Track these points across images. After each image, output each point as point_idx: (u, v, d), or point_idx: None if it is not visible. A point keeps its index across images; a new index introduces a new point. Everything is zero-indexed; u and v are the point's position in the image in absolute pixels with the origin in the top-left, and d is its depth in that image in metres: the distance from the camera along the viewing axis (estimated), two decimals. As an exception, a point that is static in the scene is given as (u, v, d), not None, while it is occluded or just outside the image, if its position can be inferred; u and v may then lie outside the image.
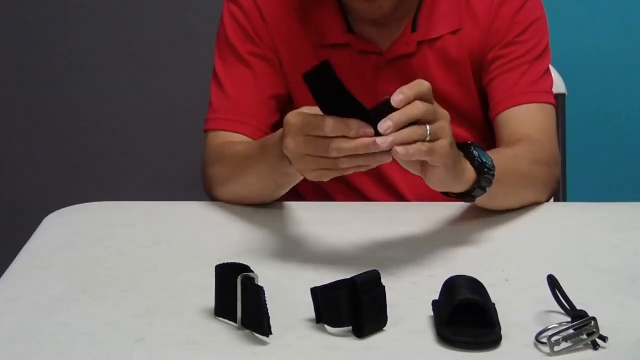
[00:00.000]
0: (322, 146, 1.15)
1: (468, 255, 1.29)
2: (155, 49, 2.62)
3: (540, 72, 1.53)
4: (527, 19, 1.53)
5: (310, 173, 1.19)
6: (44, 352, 1.05)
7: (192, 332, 1.08)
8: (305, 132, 1.16)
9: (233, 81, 1.53)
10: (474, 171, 1.26)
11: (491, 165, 1.27)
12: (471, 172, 1.26)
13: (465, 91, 1.55)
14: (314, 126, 1.15)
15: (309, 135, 1.15)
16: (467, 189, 1.26)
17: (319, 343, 1.05)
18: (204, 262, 1.20)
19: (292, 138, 1.17)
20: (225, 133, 1.51)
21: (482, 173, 1.26)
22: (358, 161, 1.16)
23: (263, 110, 1.53)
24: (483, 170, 1.26)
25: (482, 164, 1.26)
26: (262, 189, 1.40)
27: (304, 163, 1.18)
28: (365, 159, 1.15)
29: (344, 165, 1.16)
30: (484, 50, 1.53)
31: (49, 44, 2.63)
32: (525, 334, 1.05)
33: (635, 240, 1.34)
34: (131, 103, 2.66)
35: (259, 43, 1.53)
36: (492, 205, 1.40)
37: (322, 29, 1.52)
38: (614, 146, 2.55)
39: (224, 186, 1.46)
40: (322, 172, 1.18)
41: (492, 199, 1.35)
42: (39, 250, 1.34)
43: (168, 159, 2.68)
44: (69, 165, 2.70)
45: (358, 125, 1.13)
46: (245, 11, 1.54)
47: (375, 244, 1.32)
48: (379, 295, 1.06)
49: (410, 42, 1.51)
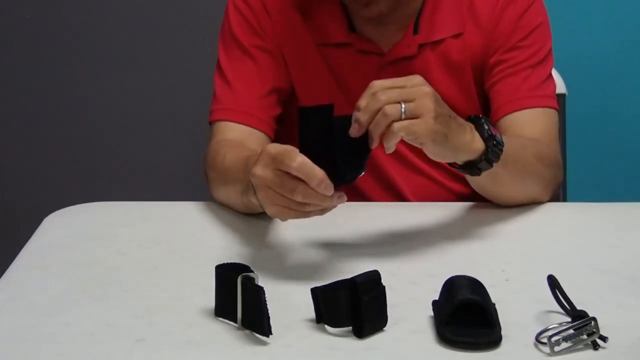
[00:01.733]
0: (288, 185, 1.14)
1: (468, 255, 1.29)
2: (156, 48, 2.62)
3: (543, 77, 1.53)
4: (530, 23, 1.53)
5: (270, 207, 1.17)
6: (44, 352, 1.05)
7: (192, 332, 1.08)
8: (276, 165, 1.14)
9: (236, 73, 1.54)
10: (482, 142, 1.26)
11: (500, 140, 1.28)
12: (480, 143, 1.26)
13: (466, 95, 1.55)
14: (284, 157, 1.13)
15: (278, 169, 1.14)
16: (474, 159, 1.27)
17: (319, 343, 1.05)
18: (204, 262, 1.20)
19: (262, 167, 1.16)
20: (229, 124, 1.51)
21: (491, 145, 1.27)
22: (325, 202, 1.15)
23: (266, 102, 1.53)
24: (492, 142, 1.27)
25: (492, 136, 1.27)
26: (239, 206, 1.41)
27: (266, 195, 1.16)
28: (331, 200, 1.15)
29: (308, 209, 1.16)
30: (486, 54, 1.53)
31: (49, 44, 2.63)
32: (525, 334, 1.05)
33: (635, 240, 1.34)
34: (131, 103, 2.66)
35: (263, 36, 1.54)
36: (495, 191, 1.40)
37: (324, 27, 1.53)
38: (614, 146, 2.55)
39: (214, 190, 1.47)
40: (281, 209, 1.17)
41: (496, 183, 1.35)
42: (39, 250, 1.34)
43: (168, 159, 2.68)
44: (69, 165, 2.70)
45: (322, 178, 1.12)
46: (249, 4, 1.54)
47: (375, 244, 1.32)
48: (379, 295, 1.06)
49: (411, 44, 1.51)
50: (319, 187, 1.12)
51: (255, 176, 1.17)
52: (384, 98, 1.16)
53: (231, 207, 1.44)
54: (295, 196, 1.14)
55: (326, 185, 1.13)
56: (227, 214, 1.43)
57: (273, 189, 1.15)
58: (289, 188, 1.14)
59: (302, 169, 1.12)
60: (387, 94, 1.17)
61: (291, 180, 1.13)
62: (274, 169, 1.15)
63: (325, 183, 1.13)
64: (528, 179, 1.41)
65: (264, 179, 1.16)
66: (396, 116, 1.16)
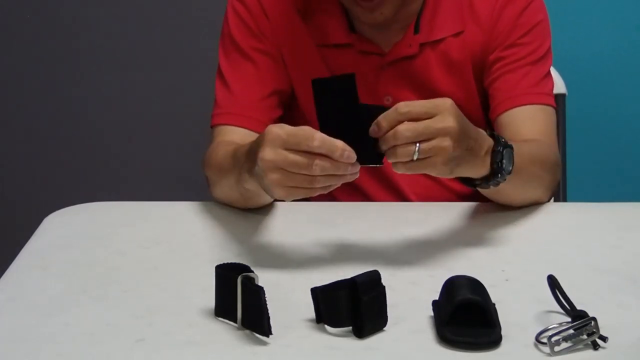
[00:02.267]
0: (302, 162, 1.13)
1: (468, 255, 1.29)
2: (157, 48, 2.62)
3: (542, 74, 1.53)
4: (529, 21, 1.53)
5: (278, 189, 1.16)
6: (44, 352, 1.05)
7: (192, 332, 1.08)
8: (289, 145, 1.14)
9: (236, 76, 1.54)
10: (489, 169, 1.26)
11: (508, 172, 1.27)
12: (485, 170, 1.26)
13: (467, 93, 1.55)
14: (300, 139, 1.13)
15: (290, 149, 1.14)
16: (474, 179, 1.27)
17: (319, 343, 1.05)
18: (204, 262, 1.20)
19: (271, 149, 1.15)
20: (229, 128, 1.51)
21: (495, 177, 1.27)
22: (331, 180, 1.15)
23: (266, 104, 1.53)
24: (498, 175, 1.26)
25: (501, 168, 1.26)
26: (236, 199, 1.41)
27: (276, 176, 1.15)
28: (338, 178, 1.15)
29: (319, 185, 1.15)
30: (486, 51, 1.53)
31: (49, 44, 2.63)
32: (525, 334, 1.05)
33: (635, 241, 1.34)
34: (132, 103, 2.66)
35: (262, 39, 1.54)
36: (495, 198, 1.41)
37: (324, 28, 1.53)
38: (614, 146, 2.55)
39: (212, 189, 1.47)
40: (291, 190, 1.16)
41: (497, 193, 1.35)
42: (39, 250, 1.34)
43: (168, 159, 2.68)
44: (69, 165, 2.70)
45: (344, 147, 1.13)
46: (248, 8, 1.54)
47: (375, 244, 1.32)
48: (379, 295, 1.06)
49: (412, 44, 1.51)
50: (343, 157, 1.13)
51: (264, 160, 1.15)
52: (402, 137, 1.14)
53: (230, 203, 1.44)
54: (314, 171, 1.13)
55: (349, 154, 1.13)
56: (227, 214, 1.43)
57: (286, 169, 1.14)
58: (306, 164, 1.13)
59: (324, 145, 1.13)
60: (408, 131, 1.14)
61: (306, 157, 1.13)
62: (284, 150, 1.14)
63: (347, 151, 1.13)
64: (530, 186, 1.42)
65: (274, 161, 1.14)
66: (407, 159, 1.15)
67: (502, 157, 1.26)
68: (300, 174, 1.14)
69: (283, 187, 1.16)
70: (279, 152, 1.14)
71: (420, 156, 1.15)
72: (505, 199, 1.42)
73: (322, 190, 1.17)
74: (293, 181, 1.15)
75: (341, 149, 1.13)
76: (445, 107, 1.16)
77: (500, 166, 1.26)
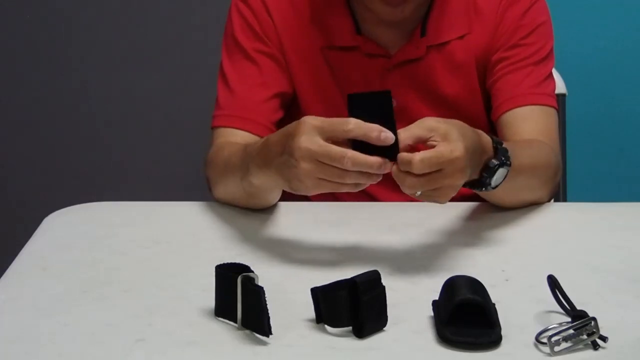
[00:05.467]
0: (337, 154, 1.13)
1: (468, 255, 1.28)
2: (158, 48, 2.62)
3: (544, 75, 1.53)
4: (532, 22, 1.53)
5: (308, 179, 1.16)
6: (44, 352, 1.05)
7: (192, 332, 1.08)
8: (325, 132, 1.14)
9: (239, 78, 1.54)
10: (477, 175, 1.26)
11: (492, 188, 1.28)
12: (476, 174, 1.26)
13: (471, 94, 1.55)
14: (335, 124, 1.14)
15: (327, 137, 1.14)
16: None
17: (319, 343, 1.05)
18: (204, 262, 1.20)
19: (308, 136, 1.14)
20: (230, 130, 1.51)
21: (476, 186, 1.28)
22: (361, 179, 1.15)
23: (268, 106, 1.53)
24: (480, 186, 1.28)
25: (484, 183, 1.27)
26: (240, 196, 1.40)
27: (309, 166, 1.15)
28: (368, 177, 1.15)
29: (349, 180, 1.15)
30: (489, 51, 1.53)
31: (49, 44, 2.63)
32: (525, 334, 1.05)
33: (635, 240, 1.34)
34: (132, 103, 2.67)
35: (265, 41, 1.54)
36: (494, 201, 1.42)
37: (330, 30, 1.53)
38: (614, 146, 2.55)
39: (214, 189, 1.47)
40: (320, 182, 1.16)
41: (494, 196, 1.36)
42: (39, 250, 1.34)
43: (168, 159, 2.68)
44: (69, 165, 2.70)
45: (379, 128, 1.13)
46: (253, 9, 1.54)
47: (375, 244, 1.32)
48: (379, 295, 1.06)
49: (419, 47, 1.51)
50: (380, 137, 1.12)
51: (301, 148, 1.14)
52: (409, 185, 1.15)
53: (232, 201, 1.44)
54: (345, 163, 1.13)
55: (386, 135, 1.13)
56: (227, 214, 1.43)
57: (319, 160, 1.14)
58: (339, 156, 1.13)
59: (359, 128, 1.13)
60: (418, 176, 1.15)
61: (339, 149, 1.13)
62: (324, 138, 1.14)
63: (384, 132, 1.13)
64: (528, 189, 1.42)
65: (310, 149, 1.14)
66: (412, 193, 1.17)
67: (493, 175, 1.26)
68: (333, 167, 1.14)
69: (313, 179, 1.16)
70: (315, 140, 1.14)
71: (422, 196, 1.17)
72: (506, 203, 1.42)
73: (350, 187, 1.16)
74: (324, 173, 1.15)
75: (378, 129, 1.13)
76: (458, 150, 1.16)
77: (487, 181, 1.27)
